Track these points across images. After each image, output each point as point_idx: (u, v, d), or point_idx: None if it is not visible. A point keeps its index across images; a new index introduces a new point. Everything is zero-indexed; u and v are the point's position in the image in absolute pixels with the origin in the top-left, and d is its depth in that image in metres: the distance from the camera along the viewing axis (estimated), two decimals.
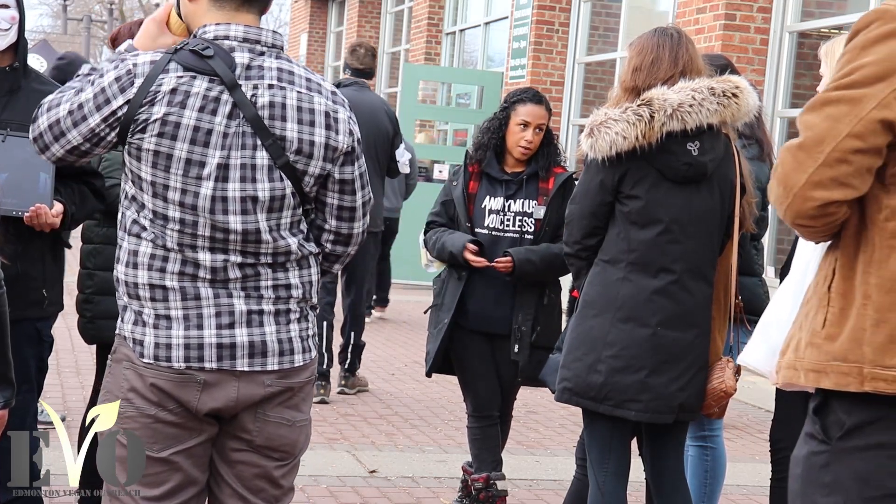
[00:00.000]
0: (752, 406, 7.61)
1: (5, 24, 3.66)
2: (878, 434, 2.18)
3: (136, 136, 2.60)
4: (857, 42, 2.21)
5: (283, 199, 2.68)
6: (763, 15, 9.18)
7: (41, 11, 47.59)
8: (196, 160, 2.60)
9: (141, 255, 2.66)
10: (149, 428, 2.67)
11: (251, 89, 2.64)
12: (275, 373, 2.72)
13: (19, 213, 3.60)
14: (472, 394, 4.77)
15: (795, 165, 2.19)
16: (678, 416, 3.67)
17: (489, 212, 4.67)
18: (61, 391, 6.56)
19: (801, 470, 2.32)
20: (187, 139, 2.60)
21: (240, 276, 2.68)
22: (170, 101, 2.59)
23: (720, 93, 3.56)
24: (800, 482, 2.32)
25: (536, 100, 4.69)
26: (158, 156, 2.60)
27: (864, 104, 2.15)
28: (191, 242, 2.64)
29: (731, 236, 3.76)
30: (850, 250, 2.23)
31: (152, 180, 2.62)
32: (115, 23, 39.27)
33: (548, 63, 12.65)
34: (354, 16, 19.21)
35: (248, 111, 2.62)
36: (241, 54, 2.66)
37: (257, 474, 2.77)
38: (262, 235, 2.67)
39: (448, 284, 4.71)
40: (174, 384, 2.65)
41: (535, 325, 4.62)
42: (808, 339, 2.26)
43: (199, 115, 2.60)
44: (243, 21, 2.69)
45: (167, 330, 2.65)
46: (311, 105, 2.69)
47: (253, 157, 2.63)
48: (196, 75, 2.61)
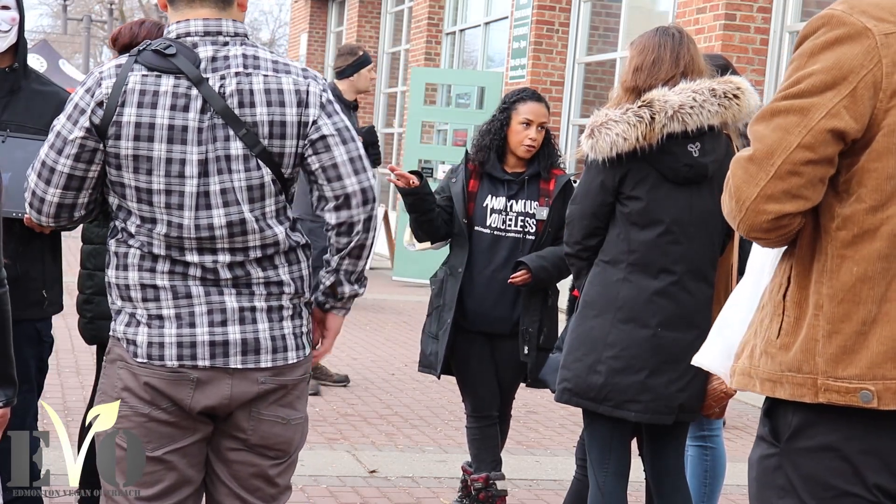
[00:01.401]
0: (753, 406, 7.61)
1: (5, 25, 3.66)
2: (823, 435, 2.17)
3: (112, 144, 2.61)
4: (805, 49, 2.17)
5: (262, 188, 2.66)
6: (763, 15, 9.18)
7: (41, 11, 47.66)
8: (176, 158, 2.60)
9: (131, 256, 2.68)
10: (143, 427, 2.67)
11: (218, 80, 2.63)
12: (268, 370, 2.72)
13: (19, 214, 3.60)
14: (471, 394, 4.78)
15: (747, 178, 2.17)
16: (678, 417, 3.67)
17: (491, 211, 4.67)
18: (61, 391, 6.56)
19: (756, 473, 2.32)
20: (164, 139, 2.60)
21: (230, 276, 2.68)
22: (140, 103, 2.60)
23: (721, 94, 3.56)
24: (756, 485, 2.33)
25: (536, 98, 4.72)
26: (138, 160, 2.61)
27: (814, 114, 2.11)
28: (178, 244, 2.65)
29: (731, 237, 3.76)
30: (804, 259, 2.21)
31: (136, 185, 2.63)
32: (115, 23, 39.27)
33: (548, 63, 12.65)
34: (354, 16, 19.21)
35: (217, 104, 2.61)
36: (204, 48, 2.66)
37: (253, 473, 2.77)
38: (247, 226, 2.65)
39: (447, 284, 4.71)
40: (167, 383, 2.65)
41: (542, 326, 4.63)
42: (763, 348, 2.25)
43: (171, 113, 2.60)
44: (200, 15, 2.69)
45: (160, 329, 2.66)
46: (280, 86, 2.66)
47: (227, 147, 2.62)
48: (161, 74, 2.61)
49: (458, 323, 4.68)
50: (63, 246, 3.93)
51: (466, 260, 4.65)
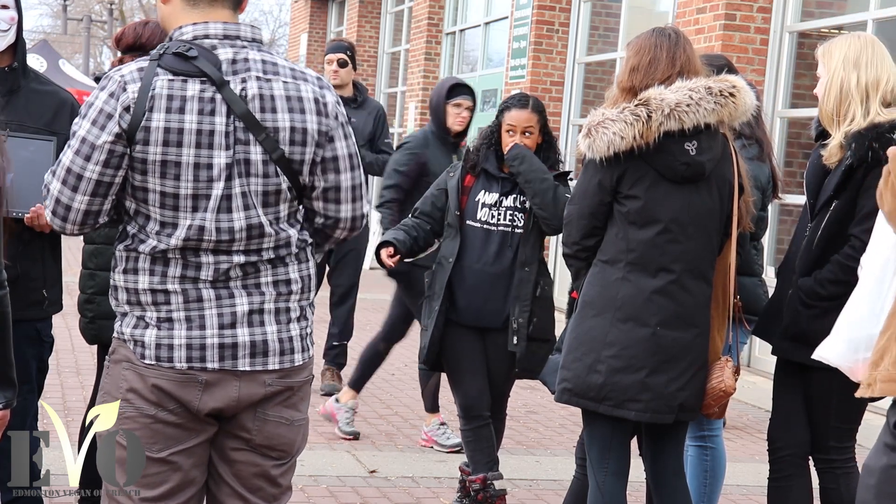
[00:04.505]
0: (752, 406, 7.61)
1: (4, 24, 3.66)
2: None
3: (140, 150, 2.58)
4: None
5: (278, 194, 2.68)
6: (763, 15, 9.18)
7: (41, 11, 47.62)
8: (204, 163, 2.60)
9: (141, 261, 2.66)
10: (148, 428, 2.66)
11: (239, 83, 2.63)
12: (276, 372, 2.72)
13: (20, 214, 3.60)
14: (462, 393, 4.78)
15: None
16: (678, 416, 3.67)
17: (482, 205, 4.72)
18: (61, 391, 6.57)
19: (877, 481, 2.27)
20: (193, 143, 2.58)
21: (240, 273, 2.68)
22: (168, 108, 2.58)
23: (717, 92, 3.56)
24: (873, 492, 2.27)
25: (521, 104, 4.73)
26: (166, 165, 2.59)
27: None
28: (195, 247, 2.64)
29: (729, 236, 3.76)
30: None
31: (161, 190, 2.61)
32: (115, 23, 39.28)
33: (548, 63, 12.65)
34: (354, 16, 19.20)
35: (238, 107, 2.61)
36: (223, 51, 2.65)
37: (256, 473, 2.77)
38: (264, 229, 2.67)
39: (436, 274, 4.76)
40: (176, 384, 2.65)
41: (532, 317, 4.65)
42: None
43: (199, 117, 2.59)
44: (220, 18, 2.68)
45: (169, 331, 2.65)
46: (299, 93, 2.68)
47: (247, 152, 2.63)
48: (186, 79, 2.59)
49: (450, 318, 4.72)
50: (63, 246, 3.93)
51: (458, 254, 4.70)
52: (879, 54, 3.68)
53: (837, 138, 3.64)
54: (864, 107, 3.61)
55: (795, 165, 9.22)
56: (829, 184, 3.67)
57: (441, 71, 16.06)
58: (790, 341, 3.73)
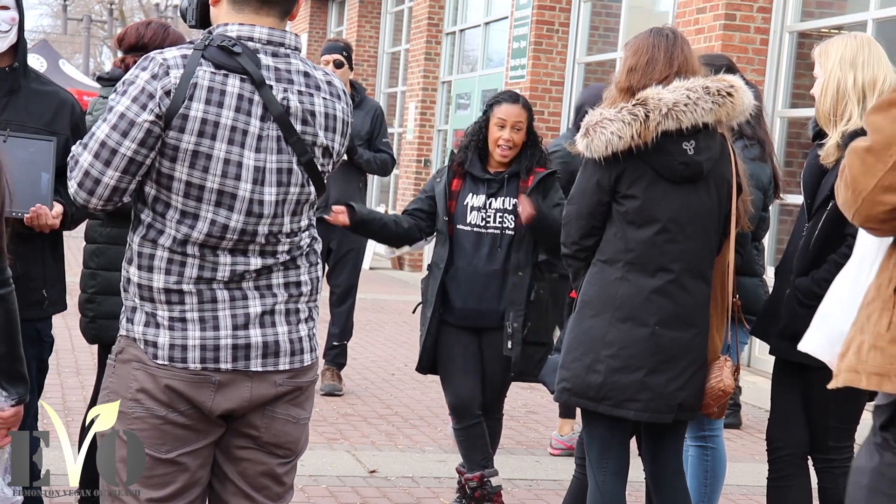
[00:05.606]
0: (752, 406, 7.61)
1: (5, 25, 3.67)
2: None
3: (174, 136, 2.58)
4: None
5: (307, 203, 2.75)
6: (763, 15, 9.18)
7: (41, 11, 47.69)
8: (234, 160, 2.61)
9: (157, 259, 2.65)
10: (158, 429, 2.66)
11: (281, 91, 2.66)
12: (286, 372, 2.74)
13: (20, 214, 3.60)
14: (452, 392, 4.79)
15: (864, 169, 2.14)
16: (677, 416, 3.68)
17: (471, 209, 4.74)
18: (61, 391, 6.57)
19: (869, 481, 2.25)
20: (225, 139, 2.60)
21: (255, 277, 2.70)
22: (208, 100, 2.58)
23: (715, 91, 3.57)
24: (865, 492, 2.26)
25: (512, 100, 4.79)
26: (197, 155, 2.59)
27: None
28: (215, 244, 2.64)
29: (727, 235, 3.76)
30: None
31: (187, 180, 2.60)
32: (115, 23, 39.30)
33: (548, 63, 12.65)
34: (354, 16, 19.20)
35: (274, 108, 2.63)
36: (265, 57, 2.66)
37: (262, 472, 2.78)
38: (286, 234, 2.71)
39: (428, 282, 4.81)
40: (189, 385, 2.65)
41: (527, 321, 4.66)
42: (872, 342, 2.20)
43: (235, 115, 2.60)
44: (266, 23, 2.69)
45: (182, 331, 2.65)
46: (335, 111, 2.76)
47: (280, 160, 2.66)
48: (228, 73, 2.61)
49: (445, 320, 4.74)
50: (63, 246, 3.93)
51: (449, 257, 4.73)
52: (876, 54, 3.69)
53: (834, 138, 3.65)
54: (861, 107, 3.61)
55: (796, 165, 9.22)
56: (826, 184, 3.67)
57: (441, 71, 16.06)
58: (788, 341, 3.73)
